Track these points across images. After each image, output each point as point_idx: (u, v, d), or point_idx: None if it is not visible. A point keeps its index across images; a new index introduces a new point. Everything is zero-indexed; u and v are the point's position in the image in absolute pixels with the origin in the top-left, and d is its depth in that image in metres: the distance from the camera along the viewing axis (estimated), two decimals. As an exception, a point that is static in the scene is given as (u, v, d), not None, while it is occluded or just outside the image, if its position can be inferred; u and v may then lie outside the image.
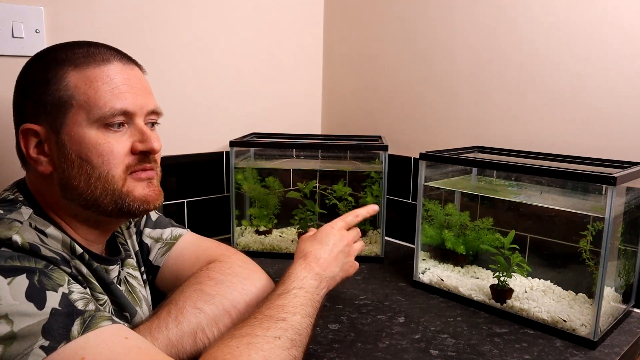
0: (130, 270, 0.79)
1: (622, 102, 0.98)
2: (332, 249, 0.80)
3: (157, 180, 0.72)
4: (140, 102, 0.68)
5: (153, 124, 0.73)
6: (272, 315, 0.64)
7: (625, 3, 0.96)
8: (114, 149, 0.65)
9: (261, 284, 0.79)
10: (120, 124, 0.66)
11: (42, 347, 0.48)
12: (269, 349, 0.59)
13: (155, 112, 0.71)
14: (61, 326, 0.50)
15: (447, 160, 1.02)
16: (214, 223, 1.34)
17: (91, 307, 0.54)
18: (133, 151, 0.67)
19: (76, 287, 0.55)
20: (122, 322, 0.56)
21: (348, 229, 0.85)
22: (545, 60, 1.07)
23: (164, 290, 0.83)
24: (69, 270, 0.58)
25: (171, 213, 1.24)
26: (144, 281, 0.82)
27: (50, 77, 0.64)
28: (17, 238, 0.55)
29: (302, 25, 1.48)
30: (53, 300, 0.52)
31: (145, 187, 0.68)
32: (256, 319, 0.63)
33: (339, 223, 0.84)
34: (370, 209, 0.88)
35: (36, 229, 0.61)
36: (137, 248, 0.83)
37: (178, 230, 0.88)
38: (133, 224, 0.85)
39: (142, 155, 0.68)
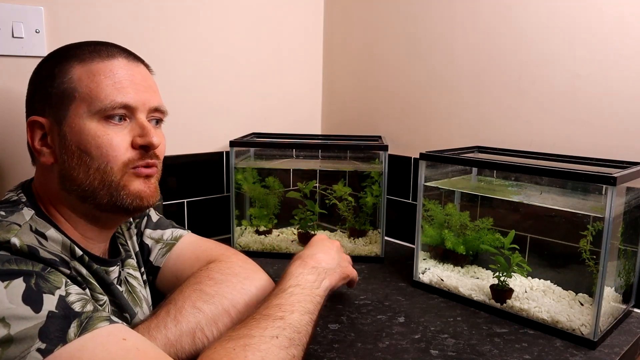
0: (131, 271, 0.79)
1: (622, 102, 0.98)
2: (326, 248, 0.86)
3: (156, 178, 0.72)
4: (143, 97, 0.68)
5: (157, 121, 0.73)
6: (270, 315, 0.64)
7: (625, 3, 0.96)
8: (112, 141, 0.65)
9: (261, 284, 0.79)
10: (121, 118, 0.67)
11: (39, 350, 0.48)
12: (266, 349, 0.58)
13: (159, 110, 0.72)
14: (58, 329, 0.50)
15: (447, 160, 1.02)
16: (214, 223, 1.34)
17: (89, 308, 0.54)
18: (134, 146, 0.67)
19: (74, 289, 0.55)
20: (121, 322, 0.56)
21: None
22: (546, 60, 1.07)
23: (164, 290, 0.83)
24: (68, 271, 0.58)
25: (171, 213, 1.24)
26: (144, 282, 0.82)
27: (57, 71, 0.66)
28: (15, 241, 0.55)
29: (302, 25, 1.48)
30: (50, 303, 0.51)
31: (141, 183, 0.68)
32: (254, 319, 0.63)
33: (324, 235, 0.94)
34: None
35: (36, 231, 0.61)
36: (137, 249, 0.83)
37: (178, 231, 0.88)
38: (134, 224, 0.85)
39: (143, 151, 0.68)
